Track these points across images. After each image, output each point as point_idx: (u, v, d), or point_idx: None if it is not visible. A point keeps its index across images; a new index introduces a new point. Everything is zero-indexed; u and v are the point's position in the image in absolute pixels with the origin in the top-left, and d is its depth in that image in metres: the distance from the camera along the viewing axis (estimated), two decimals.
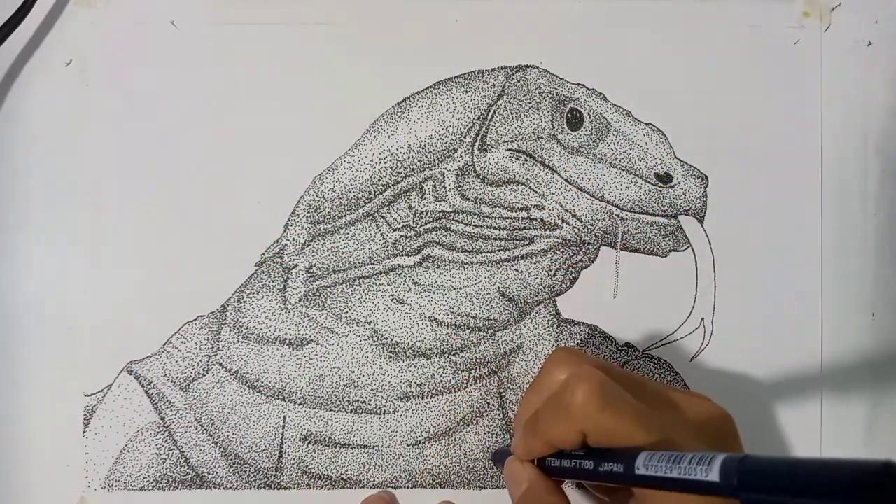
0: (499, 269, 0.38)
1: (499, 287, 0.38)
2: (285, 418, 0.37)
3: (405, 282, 0.38)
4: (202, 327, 0.38)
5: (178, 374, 0.37)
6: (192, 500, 0.37)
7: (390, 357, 0.37)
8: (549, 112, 0.38)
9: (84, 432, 0.37)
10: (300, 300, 0.38)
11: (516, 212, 0.38)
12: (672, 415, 0.30)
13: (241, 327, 0.38)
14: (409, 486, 0.37)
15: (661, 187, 0.38)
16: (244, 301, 0.38)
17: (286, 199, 0.38)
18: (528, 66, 0.38)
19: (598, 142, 0.38)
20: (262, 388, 0.37)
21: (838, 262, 0.38)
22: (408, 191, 0.38)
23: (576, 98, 0.38)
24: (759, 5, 0.38)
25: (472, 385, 0.37)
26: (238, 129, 0.38)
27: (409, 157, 0.38)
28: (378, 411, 0.37)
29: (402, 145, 0.38)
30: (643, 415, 0.28)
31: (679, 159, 0.38)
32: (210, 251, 0.38)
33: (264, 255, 0.38)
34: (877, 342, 0.38)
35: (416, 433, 0.37)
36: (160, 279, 0.38)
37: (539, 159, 0.38)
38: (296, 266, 0.38)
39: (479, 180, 0.38)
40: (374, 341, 0.37)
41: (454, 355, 0.37)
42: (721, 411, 0.31)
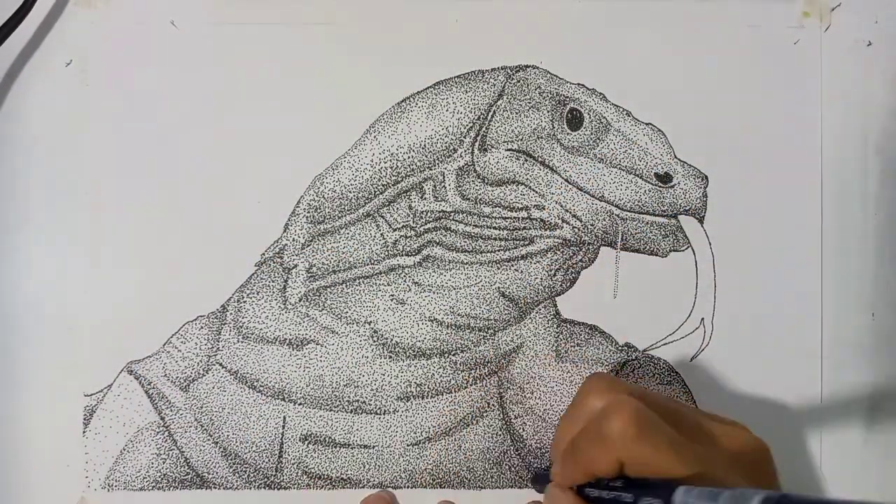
0: (499, 269, 0.38)
1: (499, 287, 0.38)
2: (285, 418, 0.37)
3: (405, 282, 0.38)
4: (202, 327, 0.38)
5: (178, 374, 0.37)
6: (192, 500, 0.37)
7: (390, 357, 0.37)
8: (549, 112, 0.38)
9: (84, 432, 0.37)
10: (300, 300, 0.38)
11: (516, 212, 0.38)
12: (708, 445, 0.30)
13: (241, 327, 0.38)
14: (409, 486, 0.37)
15: (661, 187, 0.38)
16: (244, 301, 0.38)
17: (286, 199, 0.38)
18: (528, 66, 0.38)
19: (598, 142, 0.38)
20: (262, 388, 0.37)
21: (838, 262, 0.38)
22: (408, 191, 0.38)
23: (576, 98, 0.38)
24: (759, 5, 0.38)
25: (472, 385, 0.37)
26: (238, 129, 0.38)
27: (409, 157, 0.38)
28: (378, 411, 0.37)
29: (402, 145, 0.38)
30: (680, 445, 0.28)
31: (679, 159, 0.38)
32: (210, 251, 0.38)
33: (264, 255, 0.38)
34: (877, 342, 0.38)
35: (416, 433, 0.37)
36: (160, 279, 0.38)
37: (539, 159, 0.38)
38: (296, 266, 0.38)
39: (479, 180, 0.38)
40: (374, 341, 0.37)
41: (454, 355, 0.37)
42: (757, 442, 0.31)
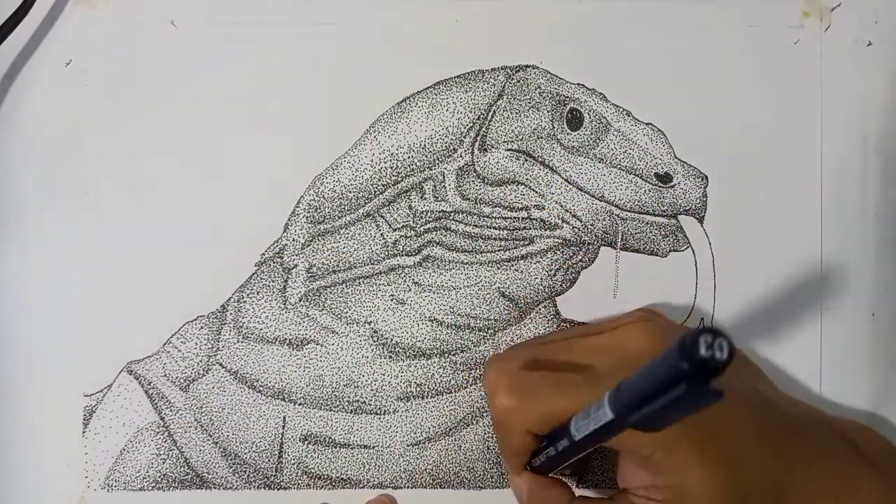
0: (499, 269, 0.38)
1: (499, 287, 0.38)
2: (285, 418, 0.37)
3: (405, 282, 0.38)
4: (202, 327, 0.38)
5: (178, 374, 0.37)
6: (191, 500, 0.37)
7: (390, 357, 0.37)
8: (549, 112, 0.38)
9: (84, 432, 0.37)
10: (300, 300, 0.38)
11: (516, 212, 0.38)
12: (602, 363, 0.31)
13: (241, 327, 0.38)
14: (408, 487, 0.37)
15: (661, 187, 0.38)
16: (244, 301, 0.38)
17: (286, 199, 0.38)
18: (528, 66, 0.38)
19: (598, 142, 0.38)
20: (262, 388, 0.37)
21: (838, 262, 0.38)
22: (408, 191, 0.38)
23: (576, 98, 0.38)
24: (759, 5, 0.38)
25: (472, 385, 0.37)
26: (238, 128, 0.38)
27: (409, 157, 0.38)
28: (378, 411, 0.37)
29: (402, 145, 0.38)
30: (566, 385, 0.29)
31: (679, 159, 0.38)
32: (210, 251, 0.38)
33: (264, 255, 0.38)
34: (877, 342, 0.38)
35: (416, 433, 0.37)
36: (160, 279, 0.38)
37: (539, 159, 0.38)
38: (296, 266, 0.38)
39: (479, 180, 0.38)
40: (374, 341, 0.37)
41: (454, 355, 0.37)
42: (648, 330, 0.32)
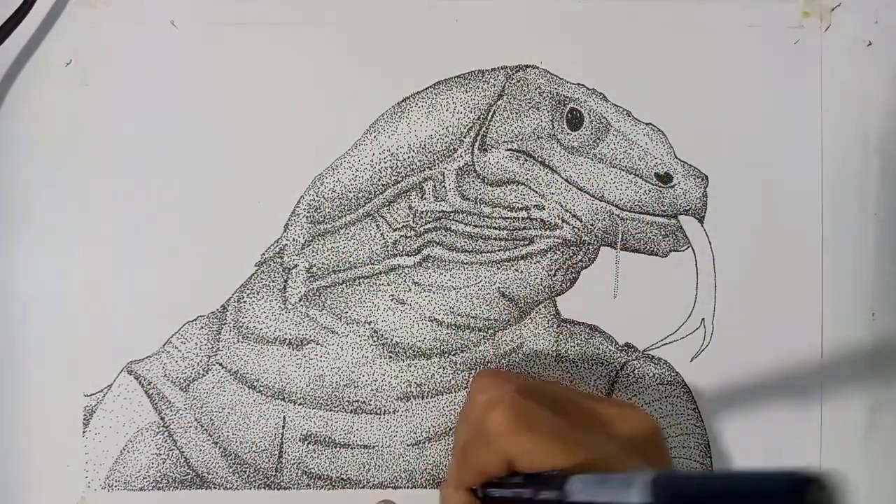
0: (499, 269, 0.38)
1: (499, 287, 0.38)
2: (285, 418, 0.37)
3: (405, 282, 0.38)
4: (202, 327, 0.38)
5: (178, 374, 0.37)
6: (191, 500, 0.37)
7: (390, 357, 0.37)
8: (549, 112, 0.38)
9: (84, 432, 0.37)
10: (300, 300, 0.38)
11: (516, 212, 0.38)
12: (598, 430, 0.30)
13: (241, 327, 0.38)
14: (408, 487, 0.37)
15: (661, 187, 0.38)
16: (244, 301, 0.38)
17: (286, 199, 0.38)
18: (528, 66, 0.38)
19: (598, 142, 0.38)
20: (262, 388, 0.37)
21: (838, 262, 0.38)
22: (408, 191, 0.38)
23: (576, 98, 0.38)
24: (759, 5, 0.38)
25: None
26: (238, 128, 0.38)
27: (409, 157, 0.38)
28: (378, 411, 0.37)
29: (402, 145, 0.38)
30: (565, 434, 0.28)
31: (679, 159, 0.38)
32: (210, 251, 0.38)
33: (264, 255, 0.38)
34: (877, 342, 0.38)
35: (416, 433, 0.37)
36: (160, 279, 0.38)
37: (539, 159, 0.38)
38: (296, 266, 0.38)
39: (479, 180, 0.38)
40: (374, 341, 0.37)
41: (454, 355, 0.37)
42: (647, 421, 0.31)
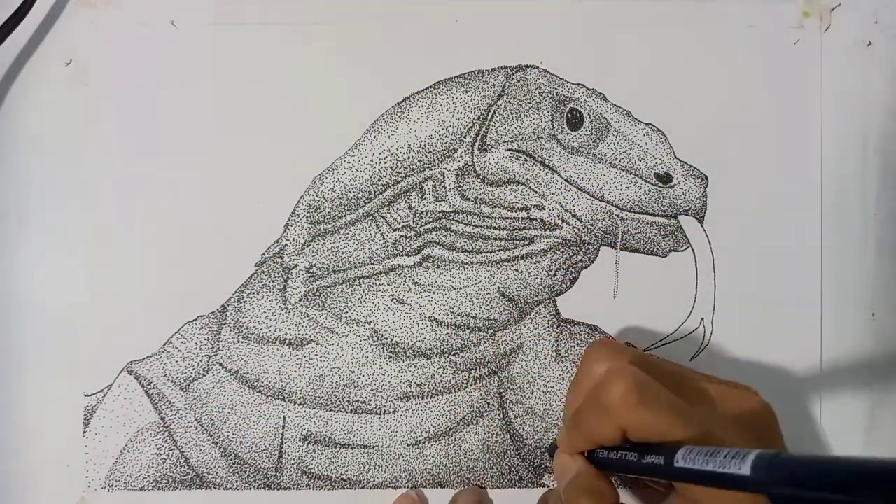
0: (499, 269, 0.38)
1: (499, 287, 0.38)
2: (285, 418, 0.37)
3: (405, 282, 0.38)
4: (202, 327, 0.38)
5: (178, 374, 0.37)
6: (191, 500, 0.37)
7: (390, 357, 0.37)
8: (549, 112, 0.38)
9: (84, 432, 0.37)
10: (300, 300, 0.38)
11: (516, 212, 0.38)
12: (711, 408, 0.31)
13: (241, 327, 0.38)
14: (408, 487, 0.37)
15: (661, 187, 0.38)
16: (244, 301, 0.38)
17: (286, 199, 0.38)
18: (528, 66, 0.38)
19: (598, 142, 0.38)
20: (262, 388, 0.37)
21: (838, 262, 0.38)
22: (408, 191, 0.38)
23: (576, 98, 0.38)
24: (759, 5, 0.38)
25: (472, 385, 0.37)
26: (238, 129, 0.38)
27: (409, 157, 0.38)
28: (378, 411, 0.37)
29: (402, 145, 0.38)
30: (680, 410, 0.28)
31: (679, 159, 0.38)
32: (210, 251, 0.38)
33: (264, 255, 0.38)
34: (877, 342, 0.38)
35: (416, 433, 0.37)
36: (160, 279, 0.38)
37: (539, 159, 0.38)
38: (296, 266, 0.38)
39: (479, 180, 0.38)
40: (374, 341, 0.37)
41: (454, 355, 0.37)
42: (762, 403, 0.31)
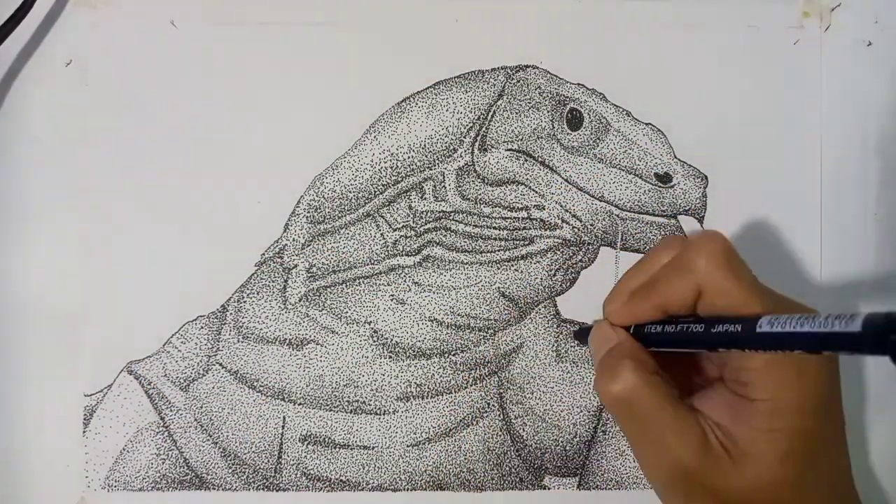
0: (499, 269, 0.38)
1: (499, 287, 0.38)
2: (285, 418, 0.37)
3: (405, 282, 0.38)
4: (202, 327, 0.38)
5: (178, 374, 0.37)
6: (191, 500, 0.37)
7: (390, 357, 0.37)
8: (549, 112, 0.38)
9: (84, 432, 0.37)
10: (300, 300, 0.38)
11: (516, 212, 0.38)
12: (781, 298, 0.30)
13: (241, 327, 0.38)
14: (408, 489, 0.37)
15: (660, 187, 0.38)
16: (244, 301, 0.38)
17: (286, 199, 0.38)
18: (528, 66, 0.38)
19: (598, 142, 0.38)
20: (262, 388, 0.37)
21: (838, 261, 0.38)
22: (408, 191, 0.38)
23: (576, 98, 0.38)
24: (759, 5, 0.38)
25: (472, 385, 0.37)
26: (238, 128, 0.38)
27: (409, 157, 0.38)
28: (378, 411, 0.37)
29: (402, 145, 0.38)
30: (762, 288, 0.28)
31: (679, 159, 0.38)
32: (210, 251, 0.38)
33: (264, 255, 0.38)
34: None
35: (415, 434, 0.37)
36: (160, 279, 0.38)
37: (539, 159, 0.38)
38: (296, 266, 0.38)
39: (479, 180, 0.38)
40: (374, 341, 0.37)
41: (454, 355, 0.37)
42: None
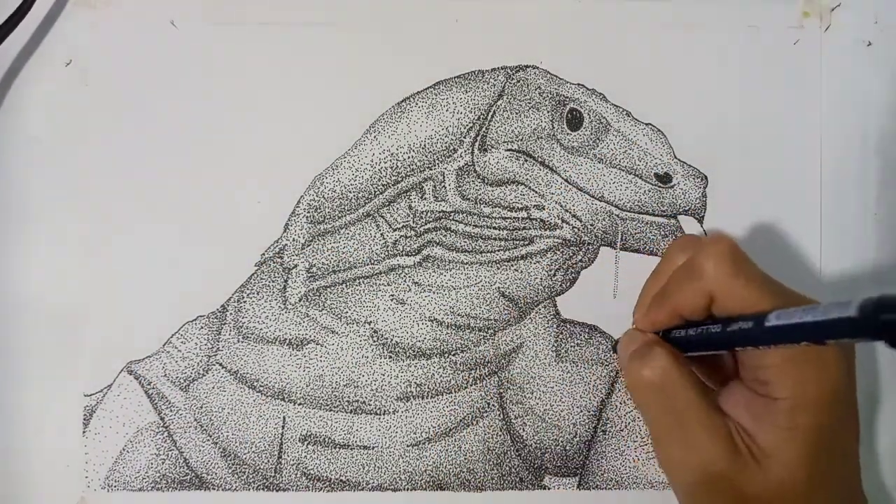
0: (499, 269, 0.38)
1: (499, 287, 0.38)
2: (285, 418, 0.37)
3: (405, 282, 0.38)
4: (202, 327, 0.38)
5: (178, 374, 0.37)
6: (191, 500, 0.37)
7: (390, 357, 0.37)
8: (549, 112, 0.38)
9: (84, 432, 0.37)
10: (300, 300, 0.38)
11: (516, 212, 0.38)
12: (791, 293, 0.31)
13: (241, 327, 0.38)
14: (408, 489, 0.37)
15: (660, 187, 0.38)
16: (244, 301, 0.38)
17: (286, 199, 0.38)
18: (528, 66, 0.38)
19: (597, 142, 0.38)
20: (262, 389, 0.37)
21: (838, 261, 0.38)
22: (408, 191, 0.38)
23: (576, 98, 0.38)
24: (759, 5, 0.38)
25: (472, 385, 0.37)
26: (238, 129, 0.38)
27: (409, 157, 0.38)
28: (378, 411, 0.37)
29: (402, 145, 0.38)
30: (770, 284, 0.29)
31: (679, 159, 0.38)
32: (210, 251, 0.38)
33: (264, 255, 0.38)
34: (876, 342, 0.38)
35: (415, 434, 0.37)
36: (160, 279, 0.38)
37: (539, 159, 0.38)
38: (296, 266, 0.38)
39: (479, 180, 0.38)
40: (374, 341, 0.37)
41: (454, 355, 0.37)
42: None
